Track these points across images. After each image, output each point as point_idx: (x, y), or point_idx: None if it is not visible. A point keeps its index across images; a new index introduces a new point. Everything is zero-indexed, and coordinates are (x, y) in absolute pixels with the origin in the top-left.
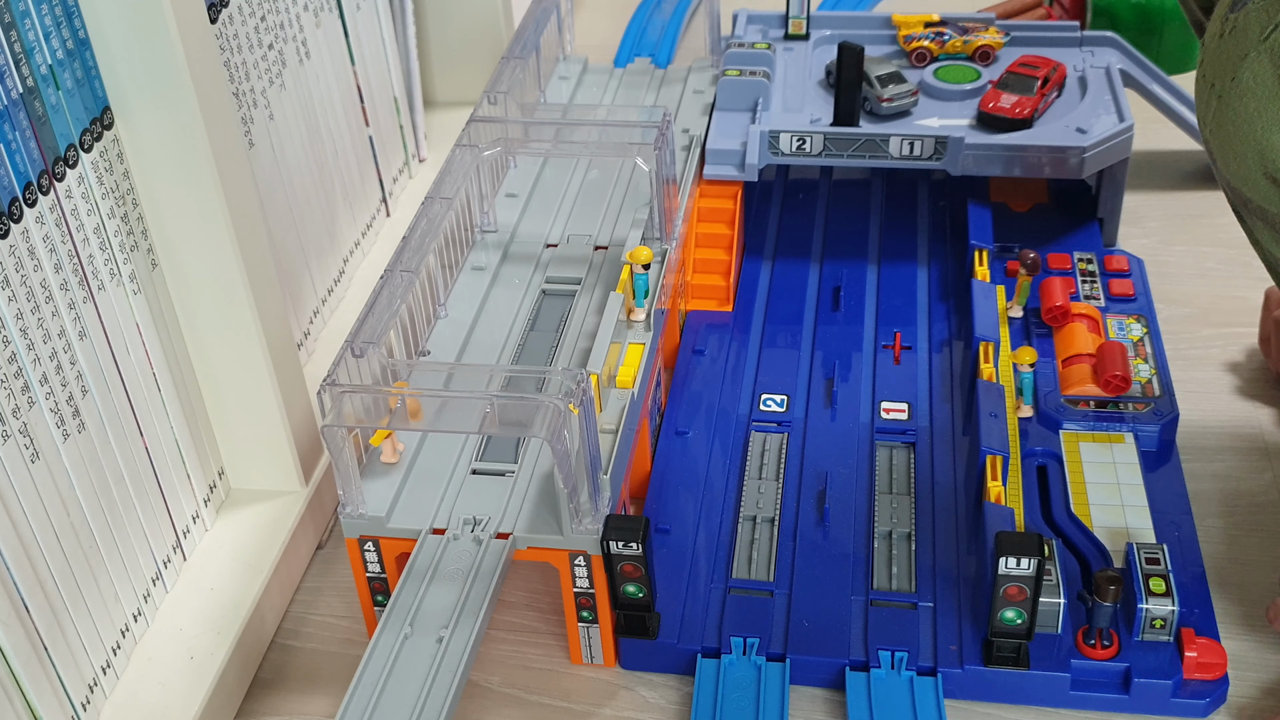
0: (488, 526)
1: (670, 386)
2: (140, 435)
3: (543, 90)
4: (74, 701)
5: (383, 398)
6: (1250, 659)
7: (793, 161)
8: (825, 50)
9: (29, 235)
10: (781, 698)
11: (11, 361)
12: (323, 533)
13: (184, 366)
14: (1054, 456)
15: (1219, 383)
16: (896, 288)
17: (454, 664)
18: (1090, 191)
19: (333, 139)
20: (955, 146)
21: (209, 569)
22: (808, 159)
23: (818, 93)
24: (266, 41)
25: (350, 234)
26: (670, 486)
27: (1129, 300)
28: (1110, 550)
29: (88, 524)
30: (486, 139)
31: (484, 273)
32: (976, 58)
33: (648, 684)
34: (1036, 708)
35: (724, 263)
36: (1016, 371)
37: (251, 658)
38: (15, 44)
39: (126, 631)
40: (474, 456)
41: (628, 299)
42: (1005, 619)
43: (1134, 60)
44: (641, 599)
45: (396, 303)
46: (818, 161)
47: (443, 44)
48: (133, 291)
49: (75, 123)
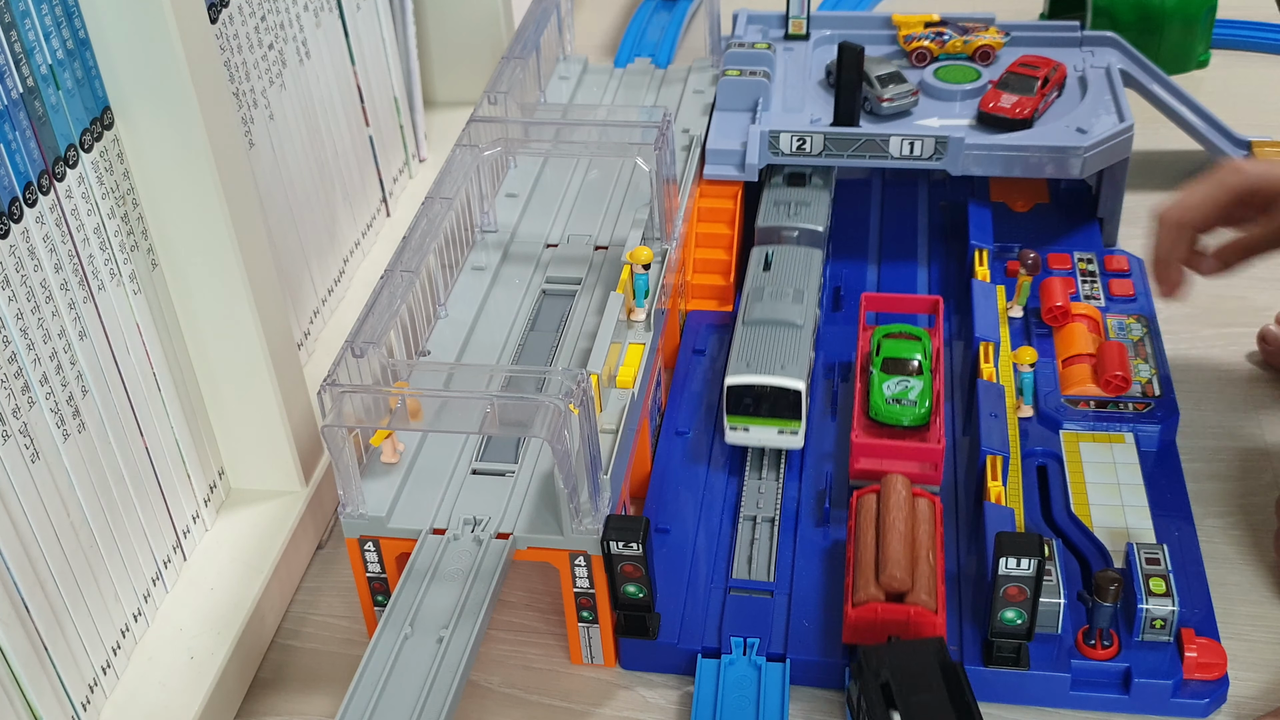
0: (488, 526)
1: (670, 386)
2: (140, 435)
3: (543, 90)
4: (74, 701)
5: (383, 398)
6: (1250, 659)
7: (793, 161)
8: (825, 50)
9: (29, 235)
10: (781, 698)
11: (11, 361)
12: (323, 533)
13: (184, 366)
14: (1054, 456)
15: (1219, 383)
16: (896, 288)
17: (454, 664)
18: (1090, 191)
19: (333, 139)
20: (955, 146)
21: (209, 569)
22: (808, 159)
23: (818, 93)
24: (266, 41)
25: (350, 234)
26: (670, 486)
27: (1129, 300)
28: (1110, 550)
29: (88, 524)
30: (486, 139)
31: (484, 273)
32: (976, 58)
33: (648, 684)
34: (1036, 708)
35: (724, 263)
36: (1016, 371)
37: (251, 658)
38: (15, 44)
39: (126, 631)
40: (474, 456)
41: (628, 299)
42: (1005, 619)
43: (1134, 60)
44: (641, 599)
45: (396, 303)
46: (818, 161)
47: (443, 44)
48: (133, 291)
49: (75, 123)
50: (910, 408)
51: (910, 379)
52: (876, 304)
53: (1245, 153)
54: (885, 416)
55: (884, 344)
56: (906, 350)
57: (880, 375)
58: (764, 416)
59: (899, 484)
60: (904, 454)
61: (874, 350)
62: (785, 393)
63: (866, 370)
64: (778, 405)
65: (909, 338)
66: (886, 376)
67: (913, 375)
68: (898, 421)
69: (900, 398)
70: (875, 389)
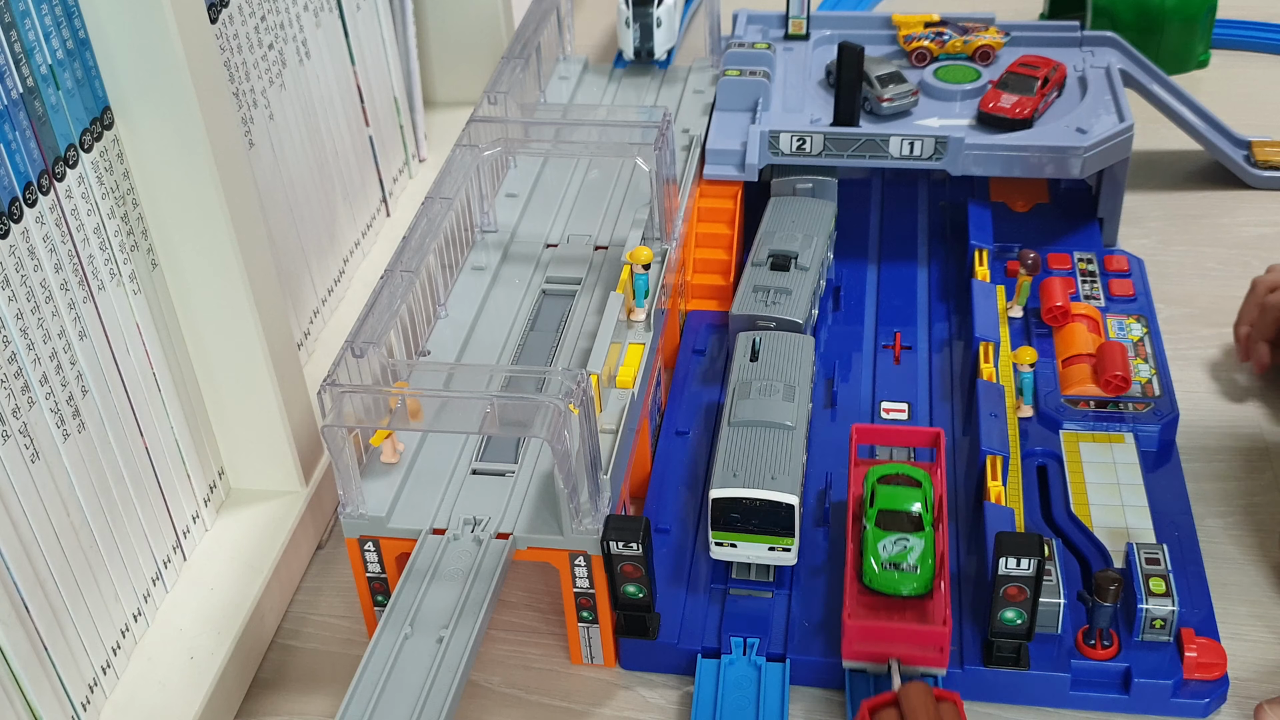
0: (488, 526)
1: (670, 386)
2: (140, 435)
3: (543, 90)
4: (74, 701)
5: (383, 398)
6: (1250, 659)
7: (793, 161)
8: (825, 50)
9: (29, 235)
10: (781, 698)
11: (11, 361)
12: (323, 533)
13: (184, 366)
14: (1054, 456)
15: (1219, 383)
16: (896, 288)
17: (454, 664)
18: (1090, 191)
19: (333, 139)
20: (955, 146)
21: (209, 569)
22: (808, 159)
23: (818, 93)
24: (266, 41)
25: (350, 234)
26: (670, 486)
27: (1129, 300)
28: (1110, 550)
29: (88, 524)
30: (486, 139)
31: (484, 273)
32: (976, 58)
33: (648, 684)
34: (1036, 708)
35: (724, 263)
36: (1016, 371)
37: (251, 658)
38: (15, 44)
39: (126, 631)
40: (474, 456)
41: (628, 299)
42: (1005, 619)
43: (1134, 60)
44: (641, 599)
45: (397, 303)
46: (818, 161)
47: (443, 44)
48: (133, 291)
49: (75, 123)
50: (910, 575)
51: (910, 537)
52: (869, 436)
53: (1245, 152)
54: (881, 584)
55: (879, 491)
56: (904, 500)
57: (875, 532)
58: (753, 533)
59: (919, 697)
60: (904, 637)
61: (867, 497)
62: (777, 507)
63: (858, 519)
64: (768, 520)
65: (908, 482)
66: (882, 534)
67: (913, 532)
68: (895, 591)
69: (899, 561)
70: (870, 548)
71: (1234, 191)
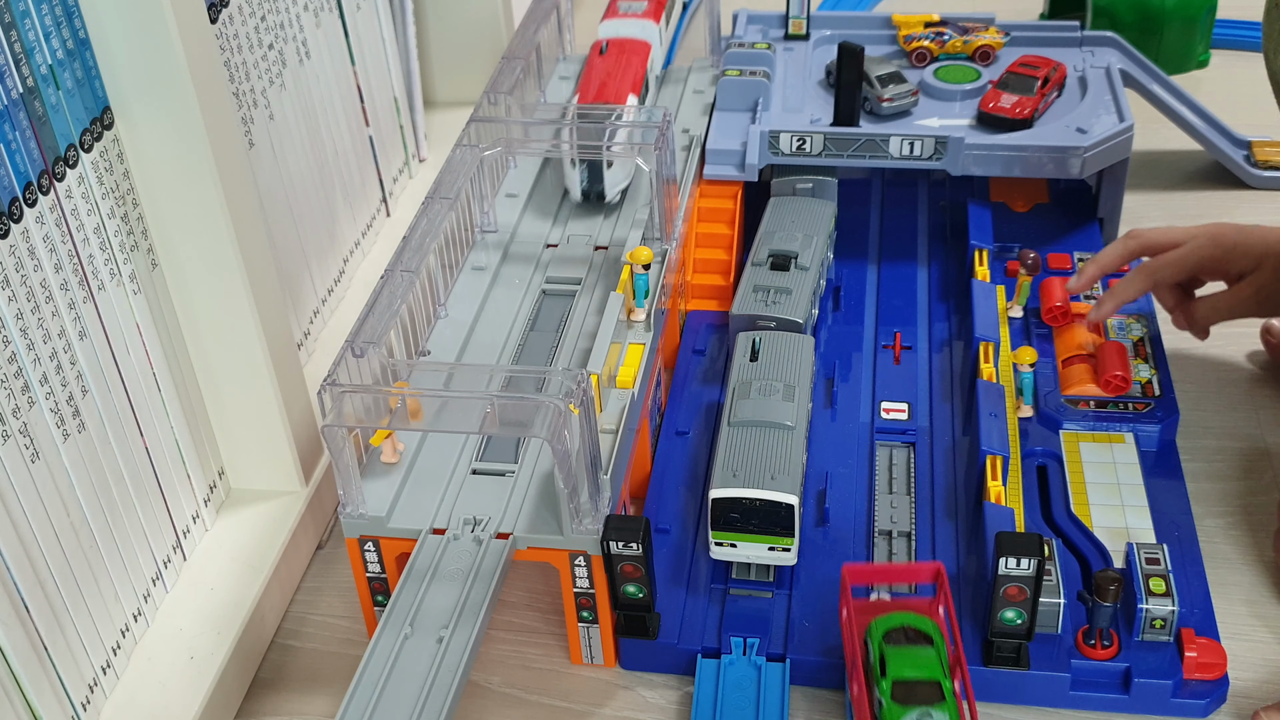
0: (488, 526)
1: (670, 386)
2: (140, 435)
3: (543, 90)
4: (74, 701)
5: (383, 398)
6: (1250, 659)
7: (793, 161)
8: (825, 50)
9: (29, 235)
10: (781, 698)
11: (11, 361)
12: (323, 533)
13: (184, 366)
14: (1054, 456)
15: (1219, 383)
16: (896, 288)
17: (454, 664)
18: (1090, 191)
19: (333, 139)
20: (955, 146)
21: (209, 569)
22: (808, 159)
23: (818, 93)
24: (266, 41)
25: (350, 234)
26: (670, 486)
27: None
28: (1110, 550)
29: (88, 524)
30: (486, 139)
31: (484, 273)
32: (976, 58)
33: (648, 684)
34: (1036, 708)
35: (724, 263)
36: (1016, 371)
37: (251, 658)
38: (15, 44)
39: (126, 631)
40: (474, 456)
41: (628, 299)
42: (1005, 619)
43: (1134, 60)
44: (641, 599)
45: (397, 303)
46: (818, 161)
47: (443, 44)
48: (133, 291)
49: (75, 123)
50: None
51: (933, 712)
52: (862, 576)
53: (1245, 152)
54: None
55: (889, 655)
56: (920, 666)
57: (893, 709)
58: (753, 533)
59: None
60: None
61: (875, 661)
62: (777, 507)
63: (868, 687)
64: (768, 520)
65: (918, 638)
66: (901, 710)
67: (935, 705)
68: None
69: None
70: None
71: (1234, 191)
